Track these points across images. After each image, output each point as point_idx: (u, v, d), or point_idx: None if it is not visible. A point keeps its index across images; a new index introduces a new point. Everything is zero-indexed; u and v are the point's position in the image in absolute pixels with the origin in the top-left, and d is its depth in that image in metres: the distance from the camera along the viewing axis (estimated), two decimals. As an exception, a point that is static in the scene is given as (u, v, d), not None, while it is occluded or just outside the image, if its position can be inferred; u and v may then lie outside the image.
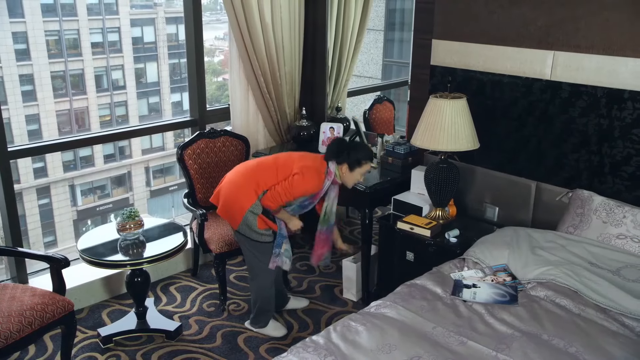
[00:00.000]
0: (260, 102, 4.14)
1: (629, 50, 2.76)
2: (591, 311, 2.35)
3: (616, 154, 2.91)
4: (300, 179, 2.98)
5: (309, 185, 3.01)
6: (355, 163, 3.03)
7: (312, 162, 3.06)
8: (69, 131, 12.54)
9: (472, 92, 3.32)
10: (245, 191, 3.03)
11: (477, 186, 3.43)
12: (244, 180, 3.07)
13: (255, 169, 3.09)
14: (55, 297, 2.78)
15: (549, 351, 2.09)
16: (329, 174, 3.05)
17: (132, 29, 13.46)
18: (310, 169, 3.01)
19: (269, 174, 3.03)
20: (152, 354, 3.15)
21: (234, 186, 3.09)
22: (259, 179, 3.04)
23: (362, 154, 3.05)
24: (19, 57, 11.69)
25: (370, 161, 3.10)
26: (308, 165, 3.03)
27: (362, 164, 3.05)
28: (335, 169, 3.05)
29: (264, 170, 3.06)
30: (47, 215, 12.02)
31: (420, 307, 2.40)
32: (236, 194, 3.06)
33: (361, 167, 3.05)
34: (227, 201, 3.09)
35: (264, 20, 3.93)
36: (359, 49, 4.41)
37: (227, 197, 3.09)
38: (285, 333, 3.30)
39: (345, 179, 3.09)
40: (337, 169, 3.06)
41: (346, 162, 3.03)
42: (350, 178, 3.08)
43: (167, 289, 3.83)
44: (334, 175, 3.06)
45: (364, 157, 3.05)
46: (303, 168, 3.00)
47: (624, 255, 2.64)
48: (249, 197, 3.02)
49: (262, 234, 3.10)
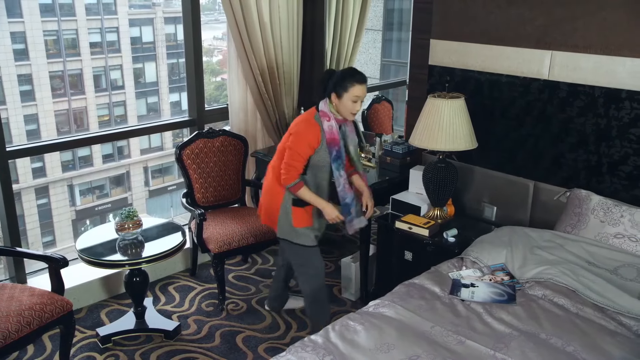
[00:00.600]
0: (259, 101, 4.15)
1: (626, 50, 2.77)
2: (589, 310, 2.35)
3: (614, 153, 2.92)
4: (294, 137, 2.81)
5: (305, 137, 2.80)
6: (340, 88, 2.76)
7: (300, 117, 2.93)
8: (68, 131, 12.53)
9: (470, 92, 3.33)
10: (272, 186, 2.96)
11: (475, 186, 3.44)
12: (269, 177, 3.00)
13: (273, 162, 2.99)
14: (53, 297, 2.78)
15: (547, 350, 2.10)
16: (323, 115, 2.81)
17: (130, 29, 13.45)
18: (299, 123, 2.86)
19: (281, 157, 2.91)
20: (151, 353, 3.15)
21: (264, 189, 3.05)
22: (277, 168, 2.93)
23: (344, 76, 2.77)
24: (17, 57, 11.68)
25: (357, 82, 2.76)
26: (296, 121, 2.90)
27: (347, 87, 2.75)
28: (328, 106, 2.82)
29: (278, 157, 2.95)
30: (46, 215, 12.01)
31: (418, 307, 2.40)
32: (266, 194, 3.01)
33: (347, 90, 2.75)
34: (263, 205, 3.06)
35: (263, 20, 3.93)
36: (358, 49, 4.41)
37: (262, 201, 3.07)
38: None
39: (340, 111, 2.82)
40: (330, 106, 2.83)
41: (333, 91, 2.79)
42: (344, 108, 2.80)
43: (165, 288, 3.83)
44: (330, 112, 2.82)
45: (348, 78, 2.76)
46: (293, 127, 2.87)
47: (621, 254, 2.65)
48: (277, 190, 2.93)
49: (301, 234, 2.94)
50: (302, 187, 2.85)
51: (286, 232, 2.97)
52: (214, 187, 3.84)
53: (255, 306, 3.63)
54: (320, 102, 2.86)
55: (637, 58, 2.74)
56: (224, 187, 3.89)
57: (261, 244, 3.63)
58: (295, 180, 2.83)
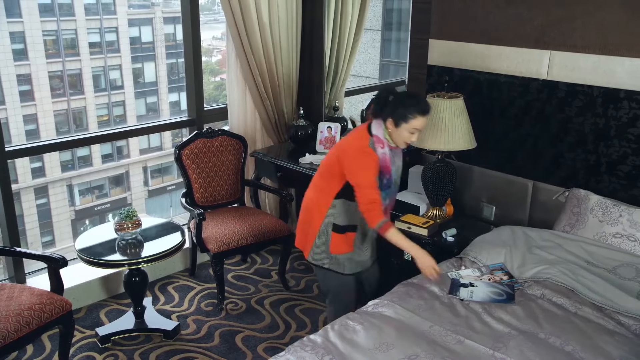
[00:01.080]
0: (258, 101, 4.15)
1: (624, 49, 2.77)
2: (588, 310, 2.36)
3: (612, 153, 2.92)
4: (359, 171, 2.51)
5: (369, 168, 2.51)
6: (399, 117, 2.47)
7: (354, 142, 2.59)
8: (67, 131, 12.53)
9: (469, 92, 3.33)
10: (313, 206, 2.71)
11: (474, 185, 3.44)
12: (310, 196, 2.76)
13: (316, 180, 2.76)
14: (53, 296, 2.78)
15: (545, 350, 2.10)
16: (378, 142, 2.53)
17: (129, 28, 13.45)
18: (359, 155, 2.53)
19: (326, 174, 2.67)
20: (150, 353, 3.15)
21: (303, 207, 2.79)
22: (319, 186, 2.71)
23: (409, 107, 2.46)
24: (16, 57, 11.67)
25: (419, 114, 2.47)
26: (352, 148, 2.57)
27: (408, 118, 2.47)
28: (382, 131, 2.53)
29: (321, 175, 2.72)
30: (45, 215, 12.01)
31: (417, 306, 2.40)
32: (306, 213, 2.75)
33: (407, 121, 2.47)
34: (300, 224, 2.81)
35: (262, 20, 3.93)
36: (357, 49, 4.42)
37: (301, 219, 2.81)
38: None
39: (394, 138, 2.55)
40: (384, 129, 2.53)
41: (390, 117, 2.50)
42: (398, 136, 2.53)
43: (165, 288, 3.83)
44: (385, 139, 2.54)
45: (411, 108, 2.46)
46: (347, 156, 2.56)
47: (620, 254, 2.65)
48: (318, 211, 2.68)
49: (337, 261, 2.71)
50: (391, 227, 2.53)
51: (320, 257, 2.75)
52: (213, 187, 3.84)
53: (255, 306, 3.63)
54: (373, 124, 2.57)
55: (636, 58, 2.75)
56: (223, 187, 3.89)
57: (260, 244, 3.63)
58: (381, 219, 2.51)
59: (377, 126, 2.56)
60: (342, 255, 2.74)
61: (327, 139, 4.03)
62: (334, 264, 2.75)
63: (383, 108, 2.53)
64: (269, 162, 4.02)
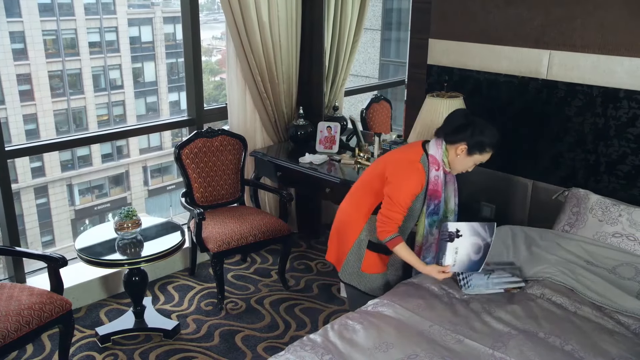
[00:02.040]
0: (258, 101, 4.15)
1: (624, 49, 2.77)
2: (587, 309, 2.36)
3: (612, 152, 2.92)
4: (397, 184, 2.40)
5: (409, 186, 2.41)
6: (477, 146, 2.41)
7: (405, 155, 2.50)
8: (67, 131, 12.54)
9: (468, 92, 3.33)
10: (349, 217, 2.59)
11: (473, 185, 3.44)
12: (346, 207, 2.64)
13: (354, 191, 2.66)
14: (53, 296, 2.78)
15: (545, 349, 2.10)
16: (433, 162, 2.44)
17: (129, 28, 13.47)
18: (404, 166, 2.43)
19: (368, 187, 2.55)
20: (150, 353, 3.15)
21: (338, 217, 2.67)
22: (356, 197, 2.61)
23: (490, 138, 2.41)
24: (16, 57, 11.68)
25: (493, 150, 2.45)
26: (400, 160, 2.47)
27: (484, 151, 2.43)
28: (441, 153, 2.44)
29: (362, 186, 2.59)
30: (45, 214, 12.02)
31: (417, 306, 2.40)
32: (341, 225, 2.64)
33: (482, 154, 2.44)
34: (334, 236, 2.70)
35: (261, 19, 3.93)
36: (356, 49, 4.42)
37: (334, 231, 2.69)
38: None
39: (454, 164, 2.47)
40: (444, 152, 2.44)
41: (465, 142, 2.41)
42: (462, 164, 2.46)
43: (164, 288, 3.83)
44: (442, 161, 2.45)
45: (491, 141, 2.42)
46: (394, 166, 2.46)
47: (619, 253, 2.65)
48: (355, 222, 2.56)
49: (368, 280, 2.62)
50: (400, 242, 2.47)
51: (351, 274, 2.66)
52: (213, 187, 3.84)
53: (254, 305, 3.63)
54: (432, 143, 2.47)
55: (635, 57, 2.75)
56: (223, 186, 3.89)
57: (260, 243, 3.63)
58: (392, 234, 2.45)
59: (436, 146, 2.46)
60: (373, 275, 2.66)
61: (327, 138, 4.03)
62: (365, 283, 2.66)
63: (458, 131, 2.42)
64: (268, 162, 4.02)
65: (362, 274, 2.65)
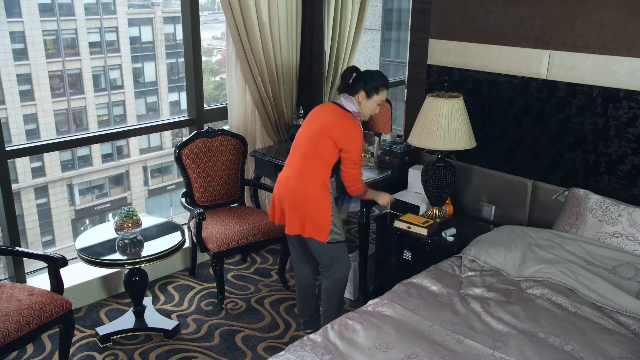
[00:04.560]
0: (258, 101, 4.15)
1: (624, 49, 2.78)
2: (587, 309, 2.36)
3: (612, 152, 2.92)
4: (355, 145, 2.85)
5: (361, 143, 2.90)
6: (372, 89, 2.89)
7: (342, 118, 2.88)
8: (67, 131, 12.54)
9: (468, 92, 3.34)
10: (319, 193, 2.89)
11: (473, 185, 3.45)
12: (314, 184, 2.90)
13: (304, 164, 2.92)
14: (53, 296, 2.78)
15: (545, 349, 2.10)
16: (356, 116, 2.91)
17: (129, 28, 13.46)
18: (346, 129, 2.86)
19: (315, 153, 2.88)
20: (150, 352, 3.16)
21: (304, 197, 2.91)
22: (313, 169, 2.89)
23: (379, 80, 2.90)
24: (16, 57, 11.68)
25: (385, 88, 2.93)
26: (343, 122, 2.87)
27: (379, 90, 2.91)
28: (356, 105, 2.91)
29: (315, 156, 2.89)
30: (45, 214, 12.02)
31: (417, 306, 2.41)
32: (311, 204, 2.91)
33: (378, 93, 2.91)
34: (307, 216, 2.92)
35: (262, 19, 3.93)
36: (356, 49, 4.42)
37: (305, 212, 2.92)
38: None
39: (363, 110, 2.94)
40: (357, 104, 2.91)
41: (363, 89, 2.89)
42: (367, 108, 2.93)
43: (165, 288, 3.83)
44: (359, 112, 2.92)
45: (380, 81, 2.91)
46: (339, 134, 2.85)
47: (619, 253, 2.66)
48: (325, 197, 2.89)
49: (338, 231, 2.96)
50: (367, 190, 3.04)
51: (338, 235, 2.97)
52: (213, 187, 3.84)
53: (255, 305, 3.63)
54: (343, 101, 2.91)
55: (635, 57, 2.75)
56: (223, 186, 3.89)
57: (260, 243, 3.63)
58: (363, 187, 2.99)
59: (349, 102, 2.91)
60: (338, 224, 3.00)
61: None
62: (341, 234, 2.99)
63: (349, 84, 2.88)
64: (268, 162, 4.02)
65: (340, 228, 2.98)
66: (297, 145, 2.98)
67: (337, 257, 3.05)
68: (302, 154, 2.94)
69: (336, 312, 3.11)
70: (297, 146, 2.98)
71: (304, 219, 2.93)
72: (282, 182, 2.99)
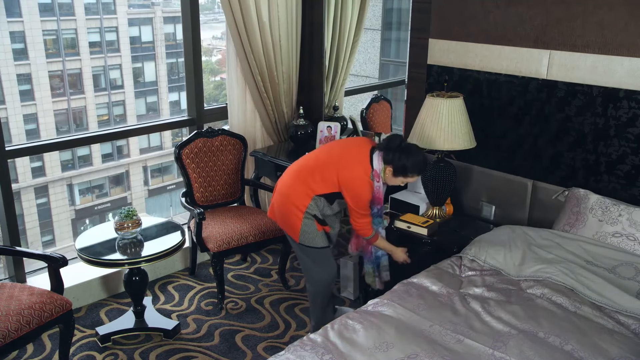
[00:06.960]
0: (258, 101, 4.15)
1: (624, 49, 2.77)
2: (587, 309, 2.36)
3: (612, 152, 2.92)
4: (359, 196, 2.81)
5: (367, 195, 2.83)
6: (401, 171, 2.79)
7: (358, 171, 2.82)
8: (67, 130, 12.55)
9: (468, 91, 3.33)
10: (295, 197, 2.89)
11: (473, 185, 3.45)
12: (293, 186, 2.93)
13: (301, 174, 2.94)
14: (53, 296, 2.78)
15: (545, 349, 2.10)
16: (376, 176, 2.82)
17: (129, 28, 13.47)
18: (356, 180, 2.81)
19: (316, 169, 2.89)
20: (150, 352, 3.16)
21: (283, 193, 2.95)
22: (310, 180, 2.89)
23: (412, 164, 2.77)
24: (16, 57, 11.69)
25: (418, 175, 2.84)
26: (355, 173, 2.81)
27: (407, 176, 2.82)
28: (381, 169, 2.82)
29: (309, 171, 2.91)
30: (45, 214, 12.03)
31: (417, 305, 2.41)
32: (285, 203, 2.93)
33: (406, 177, 2.83)
34: (279, 211, 2.98)
35: (262, 19, 3.93)
36: (356, 48, 4.42)
37: (279, 207, 2.98)
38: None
39: (387, 179, 2.87)
40: (382, 170, 2.82)
41: (391, 165, 2.79)
42: (391, 181, 2.87)
43: (165, 287, 3.83)
44: (381, 176, 2.83)
45: (413, 169, 2.79)
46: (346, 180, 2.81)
47: (619, 253, 2.66)
48: (301, 203, 2.88)
49: (322, 237, 2.96)
50: (377, 237, 3.02)
51: (311, 239, 2.94)
52: (213, 187, 3.84)
53: (255, 305, 3.63)
54: (376, 155, 2.81)
55: (635, 57, 2.75)
56: (223, 186, 3.89)
57: (260, 243, 3.63)
58: (372, 233, 2.97)
59: (378, 161, 2.81)
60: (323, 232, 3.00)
61: (327, 138, 4.03)
62: (319, 240, 2.97)
63: (390, 153, 2.77)
64: (268, 162, 4.03)
65: (319, 233, 2.95)
66: (316, 158, 2.96)
67: (316, 265, 3.02)
68: (310, 170, 2.92)
69: (321, 312, 3.12)
70: (315, 159, 2.96)
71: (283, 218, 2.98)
72: (282, 181, 3.00)
